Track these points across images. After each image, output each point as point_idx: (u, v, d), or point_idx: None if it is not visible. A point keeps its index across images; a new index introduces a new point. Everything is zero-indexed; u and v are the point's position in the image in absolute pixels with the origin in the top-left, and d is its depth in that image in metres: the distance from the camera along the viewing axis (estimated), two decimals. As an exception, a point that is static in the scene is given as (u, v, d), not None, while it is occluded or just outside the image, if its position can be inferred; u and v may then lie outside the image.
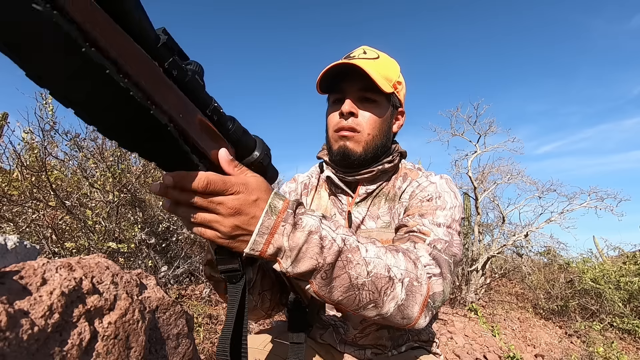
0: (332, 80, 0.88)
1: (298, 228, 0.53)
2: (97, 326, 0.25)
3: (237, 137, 0.55)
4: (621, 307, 4.67)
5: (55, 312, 0.22)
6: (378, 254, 0.60)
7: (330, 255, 0.54)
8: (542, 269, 5.93)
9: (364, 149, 0.87)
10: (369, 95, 0.86)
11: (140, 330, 0.27)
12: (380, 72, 0.85)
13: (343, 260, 0.56)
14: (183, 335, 0.32)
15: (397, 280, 0.59)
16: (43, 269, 0.24)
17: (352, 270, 0.56)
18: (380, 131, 0.88)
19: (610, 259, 5.93)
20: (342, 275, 0.56)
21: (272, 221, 0.51)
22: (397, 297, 0.59)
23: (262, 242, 0.51)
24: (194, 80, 0.46)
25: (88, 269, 0.27)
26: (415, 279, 0.62)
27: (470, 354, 3.05)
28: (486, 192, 5.50)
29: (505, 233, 5.41)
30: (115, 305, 0.26)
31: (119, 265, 0.29)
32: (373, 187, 0.92)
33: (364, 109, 0.87)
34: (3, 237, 0.23)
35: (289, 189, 1.06)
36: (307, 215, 0.55)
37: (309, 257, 0.53)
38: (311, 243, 0.53)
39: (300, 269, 0.53)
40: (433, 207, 0.81)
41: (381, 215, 0.90)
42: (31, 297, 0.22)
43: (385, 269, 0.59)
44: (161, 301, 0.30)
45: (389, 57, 0.93)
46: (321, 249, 0.54)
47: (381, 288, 0.58)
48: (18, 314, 0.20)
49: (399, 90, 0.91)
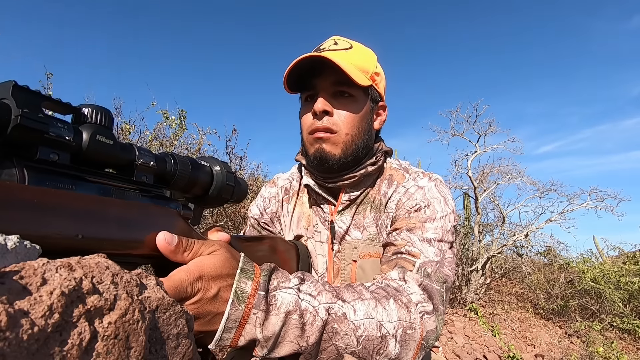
0: (302, 77, 0.78)
1: (272, 311, 0.46)
2: (97, 326, 0.25)
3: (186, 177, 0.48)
4: (621, 307, 4.67)
5: (55, 312, 0.22)
6: (368, 312, 0.54)
7: (313, 335, 0.48)
8: (542, 269, 5.93)
9: (343, 151, 0.78)
10: (344, 89, 0.77)
11: (140, 330, 0.27)
12: (354, 63, 0.76)
13: (328, 333, 0.49)
14: (183, 335, 0.32)
15: (390, 337, 0.54)
16: (43, 269, 0.24)
17: (340, 341, 0.50)
18: (359, 129, 0.79)
19: (610, 259, 5.92)
20: (329, 347, 0.50)
21: (241, 312, 0.44)
22: (391, 353, 0.54)
23: (230, 337, 0.44)
24: (92, 145, 0.37)
25: (88, 268, 0.27)
26: (408, 327, 0.57)
27: (470, 354, 3.05)
28: (486, 192, 5.50)
29: (505, 233, 5.41)
30: (115, 305, 0.26)
31: (118, 265, 0.29)
32: (357, 193, 0.83)
33: (339, 106, 0.77)
34: (3, 237, 0.23)
35: (269, 194, 0.98)
36: (281, 290, 0.48)
37: (288, 342, 0.46)
38: (290, 325, 0.46)
39: (280, 354, 0.47)
40: (422, 219, 0.73)
41: (367, 226, 0.82)
42: (31, 297, 0.22)
43: (377, 328, 0.53)
44: (161, 301, 0.30)
45: (364, 46, 0.84)
46: (302, 330, 0.47)
47: (373, 350, 0.53)
48: (18, 314, 0.20)
49: (378, 82, 0.82)
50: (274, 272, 0.50)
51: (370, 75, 0.79)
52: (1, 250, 0.24)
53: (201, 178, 0.51)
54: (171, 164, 0.47)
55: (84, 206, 0.35)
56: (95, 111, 0.38)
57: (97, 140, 0.38)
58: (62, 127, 0.34)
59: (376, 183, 0.86)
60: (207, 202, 0.55)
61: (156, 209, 0.43)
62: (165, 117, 4.02)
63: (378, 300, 0.57)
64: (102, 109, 0.39)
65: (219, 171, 0.54)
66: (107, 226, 0.36)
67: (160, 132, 4.07)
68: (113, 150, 0.40)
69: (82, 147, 0.37)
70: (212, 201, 0.55)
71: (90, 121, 0.38)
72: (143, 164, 0.43)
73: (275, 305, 0.46)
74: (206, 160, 0.55)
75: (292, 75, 0.77)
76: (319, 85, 0.78)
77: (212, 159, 0.56)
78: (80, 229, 0.33)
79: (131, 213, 0.39)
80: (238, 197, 0.58)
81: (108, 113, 0.39)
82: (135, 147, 0.43)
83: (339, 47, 0.79)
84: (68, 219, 0.33)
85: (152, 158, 0.44)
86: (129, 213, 0.39)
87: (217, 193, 0.54)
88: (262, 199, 0.99)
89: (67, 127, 0.35)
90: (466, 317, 4.04)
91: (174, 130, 4.07)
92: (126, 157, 0.42)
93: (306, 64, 0.75)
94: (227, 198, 0.56)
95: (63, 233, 0.32)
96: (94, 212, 0.35)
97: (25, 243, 0.26)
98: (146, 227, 0.41)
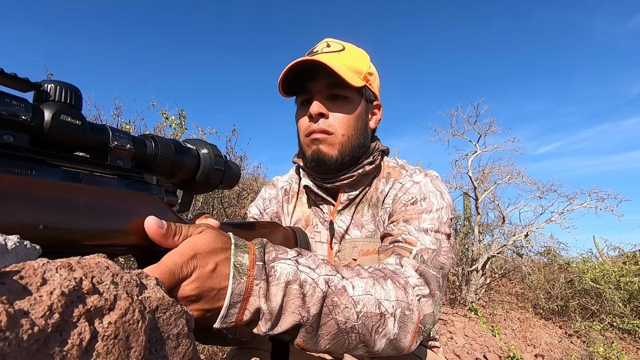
0: (296, 81, 0.79)
1: (272, 282, 0.44)
2: (97, 326, 0.25)
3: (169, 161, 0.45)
4: (621, 307, 4.67)
5: (56, 312, 0.22)
6: (366, 289, 0.53)
7: (314, 305, 0.47)
8: (542, 269, 5.92)
9: (340, 151, 0.79)
10: (338, 91, 0.78)
11: (140, 330, 0.27)
12: (348, 65, 0.77)
13: (328, 306, 0.49)
14: (183, 335, 0.32)
15: (388, 315, 0.54)
16: (43, 269, 0.24)
17: (340, 315, 0.49)
18: (355, 130, 0.80)
19: (611, 259, 5.92)
20: (329, 322, 0.49)
21: (244, 284, 0.42)
22: (389, 333, 0.54)
23: (236, 312, 0.42)
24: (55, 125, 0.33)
25: (88, 269, 0.27)
26: (406, 308, 0.57)
27: (470, 354, 3.05)
28: (486, 192, 5.50)
29: (505, 233, 5.41)
30: (115, 305, 0.26)
31: (119, 265, 0.29)
32: (355, 192, 0.84)
33: (334, 108, 0.79)
34: (3, 237, 0.23)
35: (268, 195, 0.99)
36: (279, 261, 0.47)
37: (290, 312, 0.45)
38: (290, 295, 0.45)
39: (282, 328, 0.45)
40: (418, 210, 0.74)
41: (365, 224, 0.83)
42: (31, 297, 0.22)
43: (376, 305, 0.53)
44: (161, 301, 0.30)
45: (356, 47, 0.85)
46: (303, 301, 0.46)
47: (372, 327, 0.52)
48: (18, 314, 0.20)
49: (372, 82, 0.83)
50: (267, 245, 0.49)
51: (363, 75, 0.80)
52: (1, 250, 0.24)
53: (186, 162, 0.48)
54: (152, 147, 0.44)
55: (45, 193, 0.31)
56: (60, 88, 0.34)
57: (62, 120, 0.34)
58: (18, 105, 0.31)
59: (373, 181, 0.87)
60: (195, 187, 0.52)
61: (135, 195, 0.39)
62: (165, 117, 4.02)
63: (376, 279, 0.57)
64: (68, 85, 0.35)
65: (206, 154, 0.51)
66: (75, 215, 0.33)
67: (160, 132, 4.08)
68: (81, 132, 0.36)
69: (43, 127, 0.33)
70: (201, 186, 0.52)
71: (53, 99, 0.34)
72: (118, 147, 0.39)
73: (274, 275, 0.45)
74: (193, 143, 0.51)
75: (286, 79, 0.78)
76: (314, 89, 0.79)
77: (200, 141, 0.52)
78: (42, 219, 0.30)
79: (105, 200, 0.36)
80: (229, 182, 0.55)
81: (75, 90, 0.36)
82: (109, 128, 0.40)
83: (331, 49, 0.80)
84: (25, 208, 0.29)
85: (129, 140, 0.41)
86: (102, 200, 0.36)
87: (205, 178, 0.51)
88: (262, 200, 1.00)
89: (24, 105, 0.31)
90: (466, 317, 4.04)
91: (173, 130, 4.07)
92: (98, 139, 0.38)
93: (300, 68, 0.76)
94: (216, 183, 0.53)
95: (20, 223, 0.29)
96: (58, 199, 0.32)
97: (25, 243, 0.26)
98: (123, 215, 0.37)
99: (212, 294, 0.40)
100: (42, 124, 0.33)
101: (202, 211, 2.22)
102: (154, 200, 0.42)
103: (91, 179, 0.37)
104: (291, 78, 0.79)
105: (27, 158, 0.33)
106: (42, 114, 0.33)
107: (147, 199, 0.41)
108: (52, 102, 0.34)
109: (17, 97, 0.31)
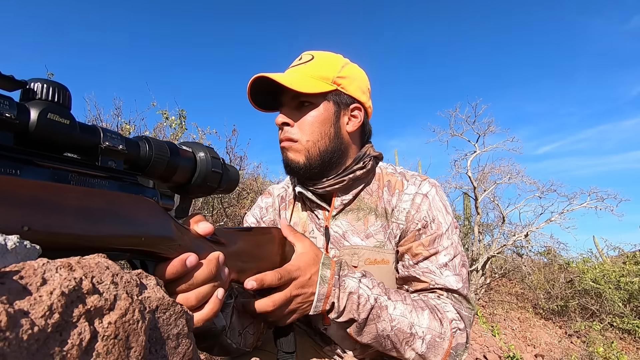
0: (271, 96, 0.85)
1: (342, 290, 0.67)
2: (97, 326, 0.25)
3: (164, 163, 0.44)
4: (621, 307, 4.67)
5: (55, 312, 0.22)
6: (404, 313, 0.70)
7: (363, 312, 0.68)
8: (542, 269, 5.93)
9: (307, 157, 0.81)
10: (304, 99, 0.82)
11: (140, 330, 0.27)
12: (310, 74, 0.81)
13: (373, 315, 0.68)
14: (183, 335, 0.32)
15: (417, 337, 0.70)
16: (43, 269, 0.24)
17: (380, 324, 0.69)
18: (321, 134, 0.81)
19: (610, 259, 5.92)
20: (371, 326, 0.69)
21: (325, 289, 0.66)
22: (417, 349, 0.70)
23: (321, 305, 0.67)
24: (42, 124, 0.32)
25: (88, 268, 0.27)
26: (437, 336, 0.71)
27: (471, 354, 3.05)
28: (486, 192, 5.50)
29: (505, 233, 5.41)
30: (115, 305, 0.26)
31: (119, 265, 0.29)
32: (349, 196, 0.86)
33: (300, 116, 0.82)
34: (3, 237, 0.23)
35: (265, 204, 1.01)
36: (349, 277, 0.69)
37: (347, 312, 0.68)
38: (351, 301, 0.67)
39: (342, 319, 0.68)
40: (431, 238, 0.81)
41: (374, 233, 0.85)
42: (31, 297, 0.22)
43: (408, 326, 0.69)
44: (161, 301, 0.30)
45: (329, 54, 0.87)
46: (358, 307, 0.68)
47: (403, 339, 0.70)
48: (18, 314, 0.20)
49: (345, 85, 0.83)
50: (343, 265, 0.71)
51: (331, 80, 0.82)
52: (1, 250, 0.24)
53: (182, 164, 0.47)
54: (145, 149, 0.43)
55: (29, 193, 0.30)
56: (47, 86, 0.34)
57: (49, 118, 0.33)
58: (1, 103, 0.30)
59: (372, 187, 0.88)
60: (192, 191, 0.51)
61: (127, 197, 0.38)
62: (165, 117, 4.03)
63: (415, 307, 0.72)
64: (56, 84, 0.34)
65: (203, 157, 0.50)
66: (62, 217, 0.31)
67: (160, 132, 4.08)
68: (70, 131, 0.35)
69: (29, 126, 0.32)
70: (198, 190, 0.51)
71: (40, 97, 0.33)
72: (110, 148, 0.38)
73: (344, 286, 0.68)
74: (189, 146, 0.51)
75: (259, 95, 0.85)
76: (283, 101, 0.85)
77: (196, 144, 0.51)
78: (25, 220, 0.29)
79: (94, 202, 0.34)
80: (228, 186, 0.55)
81: (64, 89, 0.35)
82: (100, 128, 0.39)
83: (302, 61, 0.85)
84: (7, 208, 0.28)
85: (122, 141, 0.40)
86: (92, 202, 0.34)
87: (202, 180, 0.50)
88: (259, 209, 1.01)
89: (8, 102, 0.30)
90: (466, 317, 4.03)
91: (173, 130, 4.07)
92: (88, 140, 0.37)
93: (269, 85, 0.80)
94: (213, 186, 0.52)
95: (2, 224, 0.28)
96: (42, 200, 0.30)
97: (25, 243, 0.26)
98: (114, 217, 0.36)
99: (307, 293, 0.65)
100: (27, 123, 0.32)
101: (198, 212, 2.21)
102: (147, 203, 0.40)
103: (80, 180, 0.36)
104: (265, 94, 0.85)
105: (11, 158, 0.31)
106: (28, 112, 0.32)
107: (142, 201, 0.39)
108: (39, 101, 0.33)
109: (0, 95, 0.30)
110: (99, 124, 3.65)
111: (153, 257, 0.41)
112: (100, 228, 0.34)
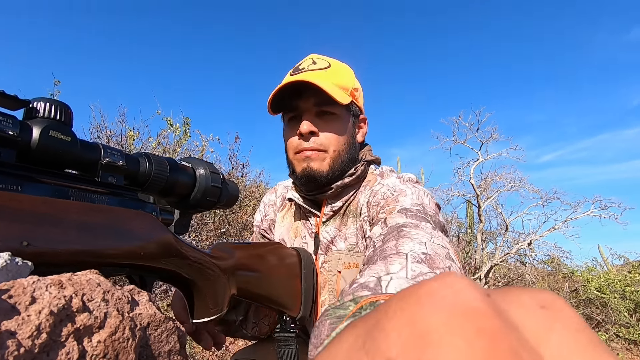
0: (283, 99, 0.81)
1: None
2: (85, 345, 0.24)
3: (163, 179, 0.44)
4: (627, 317, 4.60)
5: (43, 332, 0.22)
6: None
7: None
8: (546, 278, 5.86)
9: (331, 167, 0.80)
10: (327, 109, 0.80)
11: (130, 349, 0.27)
12: (335, 82, 0.79)
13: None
14: (175, 352, 0.32)
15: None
16: (33, 287, 0.24)
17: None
18: (345, 145, 0.82)
19: (616, 268, 5.85)
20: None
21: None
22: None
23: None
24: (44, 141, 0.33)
25: (79, 286, 0.27)
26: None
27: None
28: (489, 199, 5.47)
29: (508, 241, 5.36)
30: (105, 323, 0.26)
31: (111, 280, 0.29)
32: (339, 203, 0.85)
33: (324, 125, 0.80)
34: (-4, 253, 0.23)
35: (268, 201, 1.02)
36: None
37: None
38: None
39: None
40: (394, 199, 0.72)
41: (349, 236, 0.83)
42: (19, 316, 0.22)
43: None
44: (153, 318, 0.30)
45: (341, 63, 0.86)
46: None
47: None
48: (4, 335, 0.20)
49: (357, 97, 0.85)
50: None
51: (350, 91, 0.81)
52: (-8, 268, 0.24)
53: (181, 180, 0.48)
54: (145, 165, 0.44)
55: (29, 209, 0.30)
56: (49, 105, 0.35)
57: (50, 136, 0.34)
58: (4, 121, 0.31)
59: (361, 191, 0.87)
60: (191, 205, 0.52)
61: (127, 212, 0.39)
62: (170, 124, 4.05)
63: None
64: (58, 102, 0.35)
65: (202, 173, 0.51)
66: (64, 232, 0.32)
67: (164, 139, 4.10)
68: (71, 148, 0.36)
69: (31, 143, 0.33)
70: (197, 205, 0.52)
71: (42, 115, 0.34)
72: (110, 164, 0.39)
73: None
74: (189, 162, 0.52)
75: (275, 98, 0.80)
76: (302, 107, 0.80)
77: (196, 160, 0.53)
78: (25, 236, 0.29)
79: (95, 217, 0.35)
80: (227, 201, 0.55)
81: (65, 107, 0.36)
82: (101, 145, 0.39)
83: (317, 66, 0.81)
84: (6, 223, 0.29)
85: (122, 157, 0.41)
86: (92, 217, 0.35)
87: (202, 196, 0.51)
88: (264, 206, 1.02)
89: (11, 121, 0.31)
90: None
91: (177, 137, 4.10)
92: (89, 156, 0.38)
93: (289, 87, 0.77)
94: (213, 201, 0.53)
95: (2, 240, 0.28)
96: (43, 215, 0.31)
97: (17, 260, 0.26)
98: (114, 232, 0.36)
99: None
100: (30, 140, 0.33)
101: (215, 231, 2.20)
102: (147, 218, 0.41)
103: (81, 196, 0.37)
104: (279, 96, 0.80)
105: (14, 174, 0.32)
106: (30, 130, 0.33)
107: (140, 216, 0.40)
108: (41, 119, 0.34)
109: (3, 113, 0.31)
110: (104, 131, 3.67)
111: (152, 272, 0.42)
112: (99, 243, 0.35)
